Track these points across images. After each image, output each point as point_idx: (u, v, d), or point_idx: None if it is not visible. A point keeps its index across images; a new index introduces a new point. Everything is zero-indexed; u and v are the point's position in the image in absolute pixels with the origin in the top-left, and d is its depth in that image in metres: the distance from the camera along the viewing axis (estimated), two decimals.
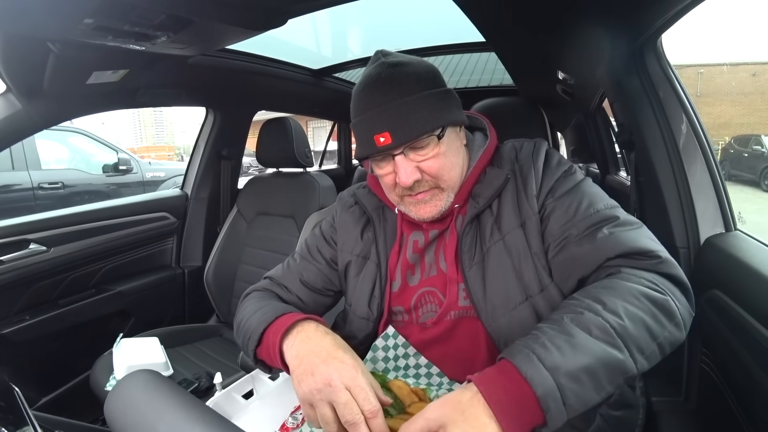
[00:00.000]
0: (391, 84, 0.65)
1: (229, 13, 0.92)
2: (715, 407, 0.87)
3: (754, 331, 0.68)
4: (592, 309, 0.51)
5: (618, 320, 0.49)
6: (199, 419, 0.41)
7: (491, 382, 0.46)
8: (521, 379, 0.45)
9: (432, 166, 0.67)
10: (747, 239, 0.89)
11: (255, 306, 0.73)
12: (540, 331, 0.50)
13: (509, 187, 0.70)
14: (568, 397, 0.44)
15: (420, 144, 0.65)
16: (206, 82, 1.60)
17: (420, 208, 0.70)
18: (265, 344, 0.65)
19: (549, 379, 0.44)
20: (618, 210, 0.64)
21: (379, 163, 0.69)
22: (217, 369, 1.17)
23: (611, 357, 0.47)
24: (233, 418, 0.71)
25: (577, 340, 0.47)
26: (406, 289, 0.75)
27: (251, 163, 7.63)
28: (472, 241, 0.70)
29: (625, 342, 0.48)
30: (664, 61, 1.00)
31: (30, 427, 0.49)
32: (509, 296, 0.66)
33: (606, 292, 0.53)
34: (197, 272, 1.89)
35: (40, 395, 1.46)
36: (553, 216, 0.66)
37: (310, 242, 0.87)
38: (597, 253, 0.59)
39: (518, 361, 0.46)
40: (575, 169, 0.72)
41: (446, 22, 1.50)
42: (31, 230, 1.44)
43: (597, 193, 0.67)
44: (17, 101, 1.18)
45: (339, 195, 0.90)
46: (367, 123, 0.66)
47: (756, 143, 9.19)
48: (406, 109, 0.64)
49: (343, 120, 3.15)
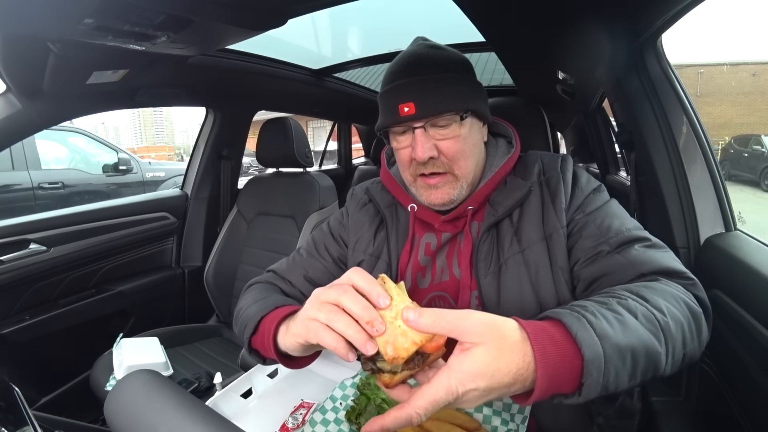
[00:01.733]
0: (425, 61, 0.68)
1: (229, 13, 0.91)
2: (715, 407, 0.87)
3: (754, 331, 0.68)
4: (635, 299, 0.49)
5: (662, 316, 0.47)
6: (199, 419, 0.41)
7: (540, 329, 0.43)
8: (570, 338, 0.42)
9: (450, 147, 0.67)
10: (747, 239, 0.89)
11: (256, 296, 0.72)
12: (582, 303, 0.47)
13: (533, 199, 0.70)
14: (610, 372, 0.41)
15: (441, 122, 0.66)
16: (206, 82, 1.60)
17: (431, 193, 0.70)
18: (260, 333, 0.63)
19: (598, 346, 0.41)
20: (645, 232, 0.65)
21: (399, 136, 0.70)
22: (217, 369, 1.17)
23: (654, 347, 0.45)
24: (233, 418, 0.71)
25: (625, 320, 0.45)
26: (416, 291, 0.74)
27: (251, 163, 7.63)
28: (489, 249, 0.69)
29: (666, 338, 0.46)
30: (664, 61, 1.00)
31: (30, 427, 0.48)
32: (524, 309, 0.65)
33: (648, 291, 0.51)
34: (197, 272, 1.89)
35: (40, 395, 1.46)
36: (584, 231, 0.65)
37: (317, 238, 0.87)
38: (632, 268, 0.59)
39: (569, 320, 0.43)
40: (603, 187, 0.72)
41: (446, 22, 1.50)
42: (31, 230, 1.44)
43: (625, 214, 0.68)
44: (17, 101, 1.18)
45: (351, 191, 0.90)
46: (393, 92, 0.67)
47: (756, 143, 9.20)
48: (435, 85, 0.66)
49: (343, 120, 3.15)
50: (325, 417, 0.66)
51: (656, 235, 0.64)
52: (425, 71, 0.67)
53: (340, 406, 0.67)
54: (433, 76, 0.66)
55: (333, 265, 0.82)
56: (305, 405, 0.71)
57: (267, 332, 0.60)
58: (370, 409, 0.63)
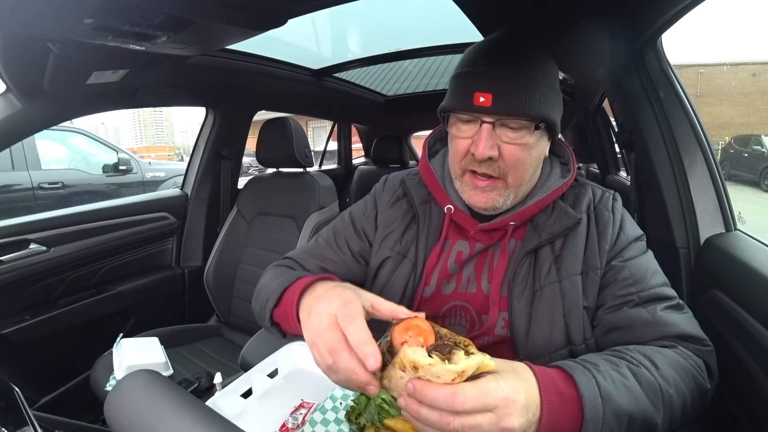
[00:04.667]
0: (518, 53, 0.62)
1: (229, 13, 0.91)
2: (716, 407, 0.87)
3: (754, 331, 0.68)
4: (646, 366, 0.52)
5: (667, 387, 0.51)
6: (199, 419, 0.41)
7: (549, 378, 0.46)
8: (576, 393, 0.45)
9: (513, 153, 0.63)
10: (747, 239, 0.89)
11: (277, 273, 0.70)
12: (595, 360, 0.50)
13: (580, 231, 0.67)
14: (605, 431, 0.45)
15: (513, 124, 0.62)
16: (206, 82, 1.60)
17: (476, 194, 0.67)
18: (283, 304, 0.61)
19: (600, 408, 0.45)
20: (672, 290, 0.65)
21: (462, 125, 0.65)
22: (217, 369, 1.17)
23: (651, 416, 0.48)
24: (233, 418, 0.71)
25: (630, 384, 0.49)
26: (438, 297, 0.72)
27: (251, 163, 7.62)
28: (527, 273, 0.67)
29: (665, 408, 0.50)
30: (664, 61, 1.00)
31: (30, 427, 0.49)
32: (553, 340, 0.64)
33: (662, 358, 0.54)
34: (197, 272, 1.89)
35: (40, 395, 1.46)
36: (619, 277, 0.64)
37: (338, 229, 0.82)
38: (655, 328, 0.60)
39: (579, 377, 0.46)
40: (644, 237, 0.71)
41: (446, 22, 1.50)
42: (31, 230, 1.44)
43: (657, 268, 0.67)
44: (17, 101, 1.18)
45: (385, 179, 0.85)
46: (473, 76, 0.62)
47: (756, 143, 9.20)
48: (523, 83, 0.60)
49: (343, 120, 3.15)
50: (325, 417, 0.65)
51: (656, 235, 0.64)
52: (514, 64, 0.61)
53: (340, 406, 0.67)
54: (521, 73, 0.61)
55: (351, 259, 0.78)
56: (305, 405, 0.71)
57: (289, 303, 0.58)
58: (370, 409, 0.63)
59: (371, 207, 0.82)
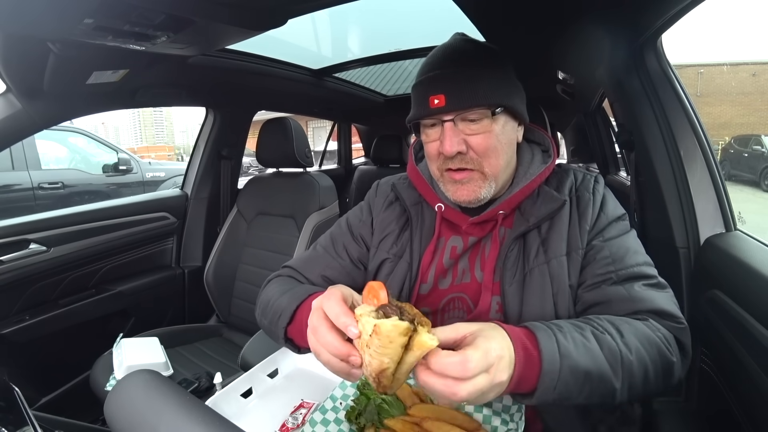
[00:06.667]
0: (460, 54, 0.67)
1: (229, 13, 0.91)
2: (716, 407, 0.87)
3: (754, 331, 0.68)
4: (610, 333, 0.55)
5: (628, 354, 0.54)
6: (199, 419, 0.41)
7: (518, 336, 0.51)
8: (537, 348, 0.50)
9: (480, 143, 0.66)
10: (747, 239, 0.89)
11: (284, 287, 0.72)
12: (560, 323, 0.55)
13: (563, 214, 0.70)
14: (560, 384, 0.49)
15: (472, 116, 0.65)
16: (206, 82, 1.60)
17: (458, 188, 0.69)
18: (297, 322, 0.64)
19: (557, 362, 0.49)
20: (653, 269, 0.67)
21: (428, 129, 0.69)
22: (217, 369, 1.17)
23: (607, 378, 0.52)
24: (233, 418, 0.71)
25: (591, 346, 0.53)
26: (436, 292, 0.74)
27: (251, 163, 7.63)
28: (516, 257, 0.69)
29: (624, 374, 0.53)
30: (664, 61, 1.00)
31: (30, 427, 0.49)
32: (543, 320, 0.65)
33: (628, 327, 0.57)
34: (197, 272, 1.89)
35: (40, 395, 1.46)
36: (598, 256, 0.66)
37: (336, 236, 0.84)
38: (630, 303, 0.62)
39: (540, 335, 0.51)
40: (626, 216, 0.72)
41: (446, 22, 1.50)
42: (31, 230, 1.44)
43: (639, 247, 0.69)
44: (17, 101, 1.18)
45: (376, 184, 0.88)
46: (425, 84, 0.67)
47: (756, 143, 9.20)
48: (467, 78, 0.64)
49: (343, 120, 3.15)
50: (325, 417, 0.66)
51: (656, 235, 0.64)
52: (458, 64, 0.66)
53: (340, 406, 0.67)
54: (465, 69, 0.65)
55: (351, 265, 0.81)
56: (305, 405, 0.71)
57: (305, 321, 0.59)
58: (370, 409, 0.63)
59: (366, 212, 0.85)
